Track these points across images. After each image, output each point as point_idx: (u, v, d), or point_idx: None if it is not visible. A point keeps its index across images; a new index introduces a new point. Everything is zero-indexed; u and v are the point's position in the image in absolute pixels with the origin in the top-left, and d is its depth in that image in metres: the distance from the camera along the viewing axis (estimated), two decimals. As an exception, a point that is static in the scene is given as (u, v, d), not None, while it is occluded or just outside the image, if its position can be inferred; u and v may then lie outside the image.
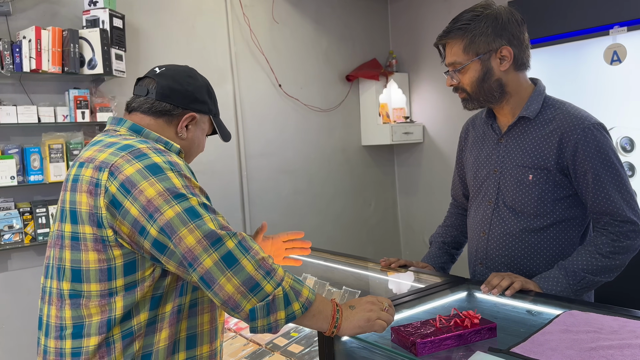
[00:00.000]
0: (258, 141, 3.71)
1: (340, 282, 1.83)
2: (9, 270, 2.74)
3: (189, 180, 1.13)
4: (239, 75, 3.60)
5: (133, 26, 3.10)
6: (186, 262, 1.05)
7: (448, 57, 1.57)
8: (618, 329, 1.16)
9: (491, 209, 1.63)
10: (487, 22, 1.50)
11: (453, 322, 1.20)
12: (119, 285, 1.11)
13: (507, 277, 1.44)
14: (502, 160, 1.61)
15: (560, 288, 1.46)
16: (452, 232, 1.88)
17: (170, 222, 1.05)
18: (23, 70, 2.57)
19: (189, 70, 1.35)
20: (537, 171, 1.53)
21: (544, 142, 1.53)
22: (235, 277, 1.04)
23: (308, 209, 3.98)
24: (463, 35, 1.51)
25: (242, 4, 3.59)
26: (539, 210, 1.54)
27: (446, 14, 4.02)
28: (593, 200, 1.49)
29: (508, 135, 1.61)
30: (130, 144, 1.15)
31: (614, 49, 2.74)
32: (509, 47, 1.50)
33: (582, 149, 1.46)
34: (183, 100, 1.28)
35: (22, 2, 2.72)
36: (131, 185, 1.07)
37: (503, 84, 1.54)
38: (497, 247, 1.62)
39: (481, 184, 1.67)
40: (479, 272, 1.70)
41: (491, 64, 1.52)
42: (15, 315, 2.76)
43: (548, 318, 1.27)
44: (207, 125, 1.38)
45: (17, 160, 2.63)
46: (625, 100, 2.76)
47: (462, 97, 1.60)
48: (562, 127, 1.50)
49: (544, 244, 1.57)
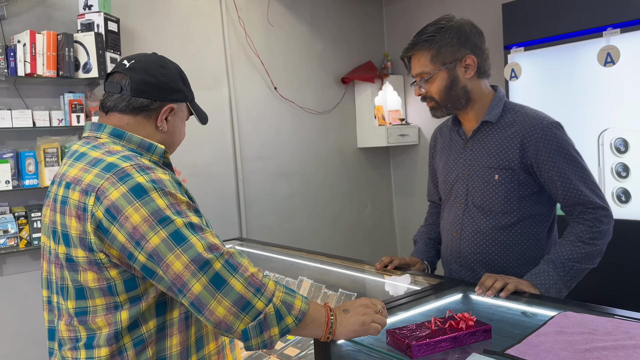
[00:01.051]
0: (254, 144, 3.71)
1: (337, 284, 1.83)
2: (4, 274, 2.73)
3: (173, 197, 1.10)
4: (235, 78, 3.61)
5: (128, 30, 3.10)
6: (175, 288, 1.04)
7: (415, 68, 1.66)
8: (612, 330, 1.17)
9: (462, 209, 1.72)
10: (451, 33, 1.60)
11: (448, 325, 1.20)
12: (123, 300, 1.12)
13: (500, 279, 1.46)
14: (469, 163, 1.71)
15: (553, 281, 1.50)
16: (436, 229, 1.96)
17: (157, 249, 1.04)
18: (18, 75, 2.57)
19: (160, 60, 1.29)
20: (502, 171, 1.62)
21: (507, 144, 1.62)
22: (225, 299, 1.03)
23: (304, 212, 3.99)
24: (430, 47, 1.61)
25: (237, 7, 3.59)
26: (506, 208, 1.63)
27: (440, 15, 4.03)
28: (563, 195, 1.57)
29: (473, 139, 1.70)
30: (114, 163, 1.11)
31: (608, 51, 2.75)
32: (472, 56, 1.61)
33: (543, 148, 1.56)
34: (160, 93, 1.24)
35: (17, 6, 2.71)
36: (117, 211, 1.06)
37: (468, 90, 1.64)
38: (470, 246, 1.71)
39: (451, 186, 1.76)
40: (454, 271, 1.77)
41: (457, 72, 1.62)
42: (10, 320, 2.75)
43: (543, 319, 1.27)
44: (185, 113, 1.34)
45: (12, 164, 2.62)
46: (619, 102, 2.78)
47: (430, 106, 1.69)
48: (523, 129, 1.60)
49: (513, 240, 1.65)
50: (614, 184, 2.82)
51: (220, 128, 3.55)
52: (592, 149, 2.89)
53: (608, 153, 2.83)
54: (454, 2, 3.95)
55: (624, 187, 2.79)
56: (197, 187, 3.43)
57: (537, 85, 3.10)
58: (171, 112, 1.27)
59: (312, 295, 1.85)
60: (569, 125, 3.03)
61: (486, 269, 1.68)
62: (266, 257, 2.40)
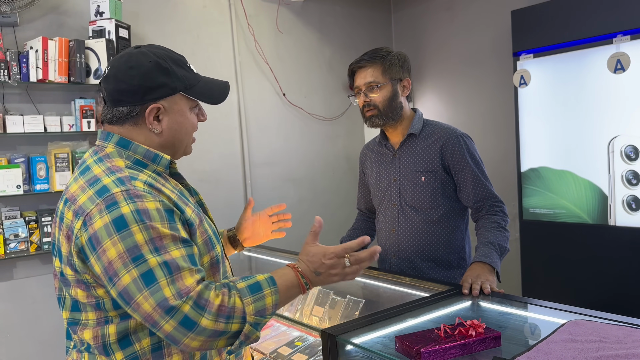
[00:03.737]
0: (262, 150, 3.73)
1: (345, 290, 1.82)
2: (15, 278, 2.75)
3: (155, 231, 1.05)
4: (244, 84, 3.63)
5: (139, 36, 3.13)
6: (149, 323, 1.04)
7: (366, 78, 1.95)
8: (623, 338, 1.15)
9: (396, 210, 2.03)
10: (397, 57, 1.96)
11: (457, 331, 1.19)
12: (113, 315, 1.12)
13: (475, 282, 1.61)
14: (399, 170, 2.02)
15: (496, 259, 1.76)
16: (359, 233, 2.23)
17: (127, 288, 1.03)
18: (30, 80, 2.60)
19: (129, 59, 1.17)
20: (427, 174, 1.95)
21: (429, 151, 1.96)
22: (198, 337, 1.03)
23: (312, 218, 3.95)
24: (383, 62, 1.93)
25: (246, 14, 3.62)
26: (433, 203, 1.95)
27: (449, 22, 4.04)
28: (474, 191, 1.91)
29: (401, 150, 2.03)
30: (107, 187, 1.08)
31: (618, 58, 2.74)
32: (409, 79, 1.99)
33: (457, 152, 1.92)
34: (135, 97, 1.16)
35: (29, 13, 2.75)
36: (97, 242, 1.05)
37: (402, 106, 1.98)
38: (407, 239, 2.01)
39: (384, 192, 2.07)
40: (393, 264, 2.05)
41: (398, 89, 1.96)
42: (20, 324, 2.77)
43: (553, 327, 1.26)
44: (183, 104, 1.21)
45: (23, 169, 2.65)
46: (630, 109, 2.76)
47: (371, 114, 1.96)
48: (441, 138, 1.95)
49: (442, 231, 1.98)
50: (625, 191, 2.80)
51: (229, 134, 3.57)
52: (602, 156, 2.87)
53: (618, 160, 2.81)
54: (462, 9, 3.95)
55: (634, 194, 2.77)
56: (206, 192, 3.42)
57: (547, 92, 3.09)
58: (159, 111, 1.18)
59: (320, 301, 1.85)
60: (579, 132, 3.04)
61: (422, 259, 1.98)
62: (273, 262, 2.41)
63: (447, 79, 4.14)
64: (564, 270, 3.08)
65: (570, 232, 3.04)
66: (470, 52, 3.93)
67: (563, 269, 3.08)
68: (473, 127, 3.94)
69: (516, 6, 3.30)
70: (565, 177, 3.05)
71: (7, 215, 2.67)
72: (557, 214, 3.09)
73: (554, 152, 3.09)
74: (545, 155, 3.13)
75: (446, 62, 4.12)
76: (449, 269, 2.00)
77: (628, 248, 2.80)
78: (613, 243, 2.85)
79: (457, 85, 4.08)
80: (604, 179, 2.87)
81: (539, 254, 3.20)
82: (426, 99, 4.28)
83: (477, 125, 3.92)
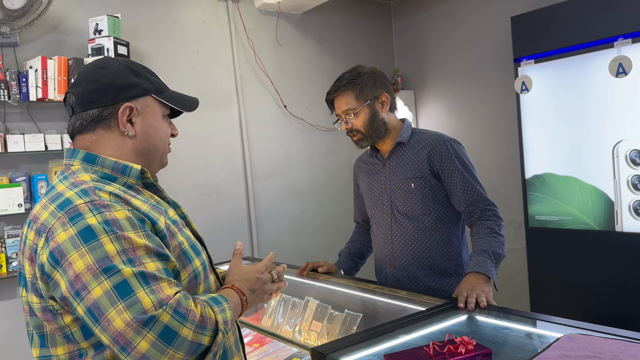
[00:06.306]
0: (264, 162, 3.72)
1: (343, 305, 1.80)
2: (18, 296, 2.77)
3: (128, 242, 0.97)
4: (244, 97, 3.63)
5: (138, 52, 3.15)
6: (118, 345, 0.92)
7: (342, 107, 1.95)
8: (618, 353, 1.12)
9: (389, 218, 2.01)
10: (368, 76, 1.93)
11: (447, 349, 1.16)
12: (86, 346, 1.02)
13: (470, 295, 1.57)
14: (389, 178, 2.02)
15: (491, 267, 1.73)
16: (357, 245, 2.27)
17: (98, 302, 0.92)
18: (29, 100, 2.63)
19: (99, 62, 1.15)
20: (417, 180, 1.94)
21: (417, 157, 1.95)
22: (178, 352, 0.94)
23: (316, 229, 3.96)
24: (354, 88, 1.92)
25: (246, 28, 3.63)
26: (424, 210, 1.94)
27: (450, 30, 4.02)
28: (465, 195, 1.88)
29: (390, 159, 2.03)
30: (70, 199, 1.01)
31: (619, 61, 2.70)
32: (386, 93, 1.96)
33: (445, 156, 1.91)
34: (107, 96, 1.11)
35: (29, 32, 2.78)
36: (61, 255, 0.95)
37: (385, 122, 1.97)
38: (401, 248, 1.99)
39: (376, 201, 2.06)
40: (389, 274, 2.03)
41: (376, 107, 1.94)
42: (24, 342, 2.76)
43: (548, 341, 1.23)
44: (156, 107, 1.17)
45: (25, 187, 2.67)
46: (633, 113, 2.72)
47: (357, 139, 1.98)
48: (429, 144, 1.94)
49: (435, 238, 1.95)
50: (630, 196, 2.75)
51: (230, 147, 3.57)
52: (607, 161, 2.82)
53: (623, 165, 2.77)
54: (462, 17, 3.93)
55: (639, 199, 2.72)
56: (208, 206, 3.44)
57: (549, 98, 3.06)
58: (132, 112, 1.13)
59: (318, 315, 1.83)
60: (583, 137, 3.00)
61: (418, 267, 1.95)
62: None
63: (449, 87, 4.12)
64: (571, 277, 3.02)
65: (576, 239, 2.98)
66: (472, 59, 3.91)
67: (570, 276, 3.02)
68: (476, 135, 3.91)
69: (516, 12, 3.28)
70: (570, 183, 3.00)
71: (10, 234, 2.69)
72: (563, 221, 3.04)
73: (558, 158, 3.05)
74: (550, 161, 3.09)
75: (448, 71, 4.10)
76: (446, 277, 1.96)
77: (636, 254, 2.74)
78: (620, 249, 2.79)
79: (459, 93, 4.05)
80: (610, 185, 2.82)
81: (546, 261, 3.15)
82: (429, 108, 4.26)
83: (480, 132, 3.89)
